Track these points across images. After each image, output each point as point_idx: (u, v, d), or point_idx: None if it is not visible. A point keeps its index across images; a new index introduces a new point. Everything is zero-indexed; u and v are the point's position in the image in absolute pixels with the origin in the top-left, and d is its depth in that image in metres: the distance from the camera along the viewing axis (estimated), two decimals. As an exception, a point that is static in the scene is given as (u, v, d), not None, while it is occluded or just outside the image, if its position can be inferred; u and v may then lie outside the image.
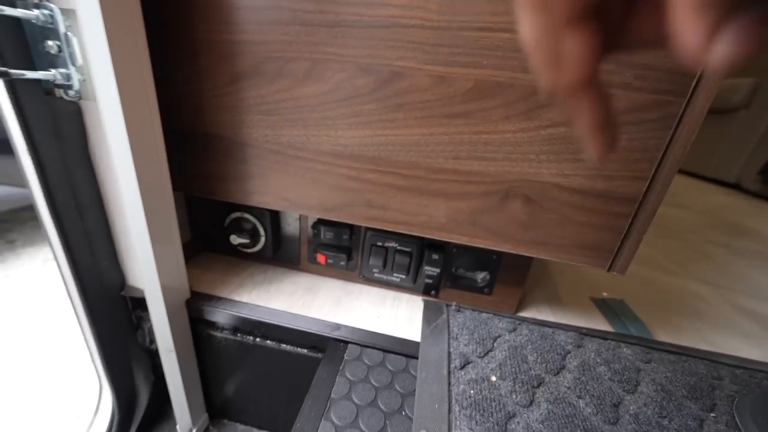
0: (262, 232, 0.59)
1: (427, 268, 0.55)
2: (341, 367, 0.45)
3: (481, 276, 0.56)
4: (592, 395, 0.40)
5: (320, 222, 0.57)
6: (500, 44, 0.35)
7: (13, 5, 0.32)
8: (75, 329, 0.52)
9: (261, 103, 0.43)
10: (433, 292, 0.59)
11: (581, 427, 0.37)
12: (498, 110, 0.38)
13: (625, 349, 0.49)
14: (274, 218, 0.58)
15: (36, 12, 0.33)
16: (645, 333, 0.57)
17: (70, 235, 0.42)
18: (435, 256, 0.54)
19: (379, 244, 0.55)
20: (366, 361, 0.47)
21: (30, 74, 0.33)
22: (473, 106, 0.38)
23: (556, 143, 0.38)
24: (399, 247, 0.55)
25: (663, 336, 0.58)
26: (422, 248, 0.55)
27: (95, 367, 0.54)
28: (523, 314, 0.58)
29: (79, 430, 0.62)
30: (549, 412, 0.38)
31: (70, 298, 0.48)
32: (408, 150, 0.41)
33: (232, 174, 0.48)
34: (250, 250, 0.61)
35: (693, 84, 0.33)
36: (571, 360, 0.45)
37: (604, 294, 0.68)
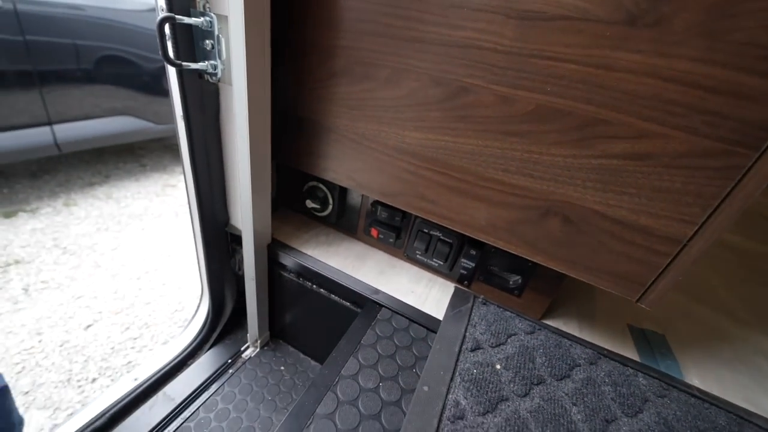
0: (331, 201, 0.70)
1: (463, 260, 0.61)
2: (373, 324, 0.56)
3: (513, 278, 0.60)
4: (587, 406, 0.44)
5: (378, 202, 0.66)
6: (566, 74, 0.37)
7: (189, 15, 0.44)
8: (188, 245, 0.71)
9: (348, 99, 0.51)
10: (465, 282, 0.65)
11: (566, 428, 0.41)
12: (553, 134, 0.41)
13: (641, 379, 0.50)
14: (342, 192, 0.69)
15: (202, 19, 0.45)
16: (675, 373, 0.56)
17: (200, 181, 0.57)
18: (473, 252, 0.60)
19: (425, 231, 0.62)
20: (393, 324, 0.56)
21: (193, 65, 0.46)
22: (530, 128, 0.41)
23: (605, 174, 0.40)
24: (442, 237, 0.61)
25: (697, 383, 0.56)
26: (462, 242, 0.61)
27: (200, 276, 0.73)
28: (548, 323, 0.61)
29: (184, 319, 0.84)
30: (539, 407, 0.43)
31: (192, 225, 0.65)
32: (462, 156, 0.46)
33: (316, 152, 0.58)
34: (319, 214, 0.74)
35: (770, 138, 0.32)
36: (578, 372, 0.49)
37: (646, 324, 0.66)
